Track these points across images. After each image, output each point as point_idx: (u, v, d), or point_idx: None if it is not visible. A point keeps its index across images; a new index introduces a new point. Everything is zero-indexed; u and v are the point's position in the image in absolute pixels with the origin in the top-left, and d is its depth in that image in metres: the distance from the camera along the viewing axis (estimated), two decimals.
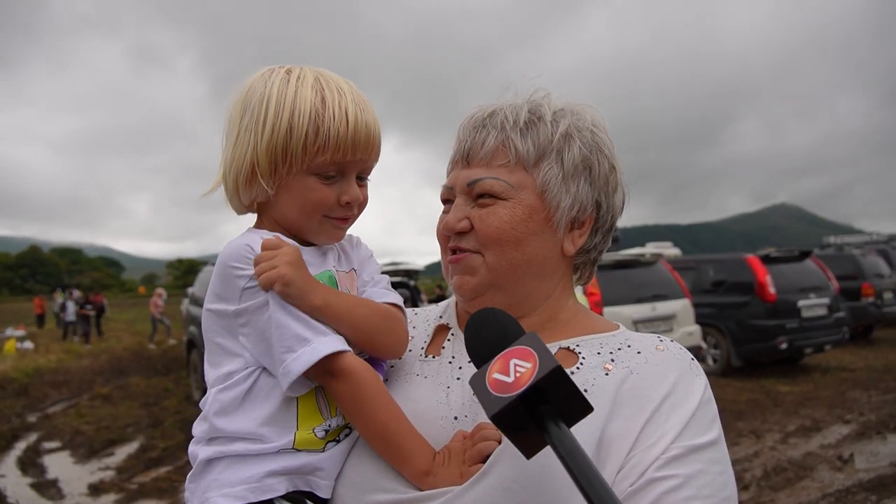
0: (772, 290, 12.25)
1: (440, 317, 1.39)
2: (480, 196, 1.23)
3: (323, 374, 1.11)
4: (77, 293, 32.21)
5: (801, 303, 12.42)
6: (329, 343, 1.11)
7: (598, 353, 1.18)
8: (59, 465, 8.58)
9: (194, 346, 11.83)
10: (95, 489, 7.38)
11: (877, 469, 6.93)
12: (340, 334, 1.15)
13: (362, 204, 1.27)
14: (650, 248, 18.31)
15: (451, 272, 1.28)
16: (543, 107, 1.25)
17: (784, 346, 11.95)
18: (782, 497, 6.25)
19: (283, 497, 1.11)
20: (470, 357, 1.00)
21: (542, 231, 1.22)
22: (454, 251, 1.26)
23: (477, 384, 0.86)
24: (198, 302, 12.26)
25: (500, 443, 1.04)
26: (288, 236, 1.21)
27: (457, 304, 1.40)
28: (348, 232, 1.33)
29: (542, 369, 0.81)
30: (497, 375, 0.85)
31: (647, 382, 1.11)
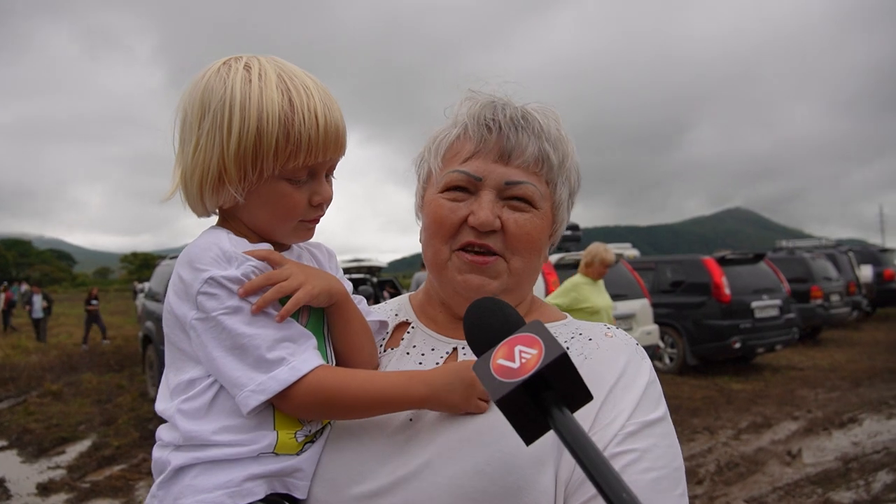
0: (727, 291, 12.57)
1: (396, 315, 1.40)
2: (513, 198, 1.22)
3: (294, 394, 1.07)
4: (25, 287, 31.04)
5: (754, 304, 12.79)
6: (308, 358, 1.09)
7: None
8: (5, 464, 8.26)
9: (150, 341, 11.56)
10: (45, 489, 7.14)
11: (823, 463, 7.20)
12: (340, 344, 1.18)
13: (331, 200, 1.24)
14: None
15: (466, 270, 1.22)
16: (561, 123, 1.28)
17: (738, 345, 12.28)
18: (735, 491, 6.43)
19: (262, 500, 1.09)
20: (469, 344, 1.02)
21: (547, 243, 1.30)
22: (478, 250, 1.21)
23: (481, 369, 0.87)
24: (155, 297, 11.98)
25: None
26: (256, 238, 1.19)
27: (412, 300, 1.44)
28: (323, 245, 1.33)
29: (548, 355, 0.83)
30: (502, 361, 0.86)
31: (600, 367, 1.17)
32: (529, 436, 0.86)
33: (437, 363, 1.25)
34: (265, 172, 1.11)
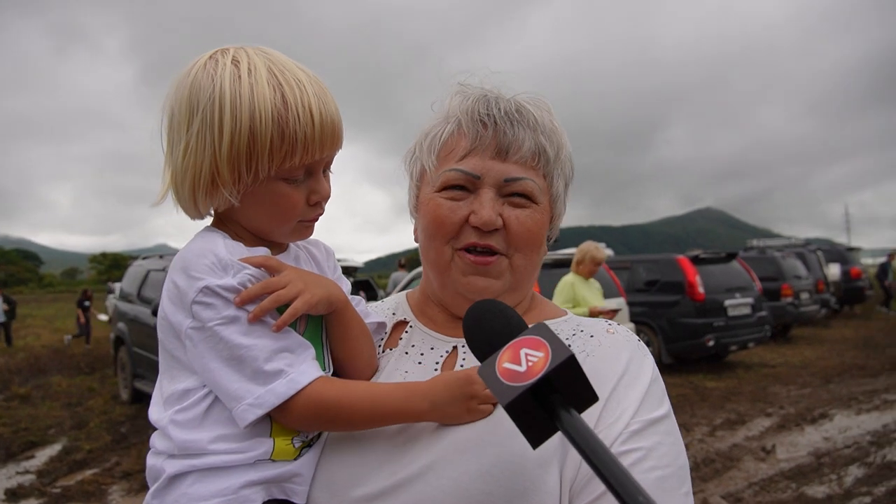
0: (701, 289, 12.73)
1: (394, 314, 1.39)
2: (512, 195, 1.20)
3: (292, 407, 1.05)
4: None
5: (727, 302, 12.97)
6: (306, 370, 1.06)
7: None
8: None
9: (122, 343, 11.35)
10: (14, 494, 6.96)
11: (796, 458, 7.32)
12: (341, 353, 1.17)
13: (329, 197, 1.21)
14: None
15: (469, 272, 1.20)
16: (553, 113, 1.26)
17: (711, 343, 12.43)
18: (711, 487, 6.51)
19: None
20: (469, 347, 1.00)
21: (545, 237, 1.28)
22: (482, 250, 1.19)
23: (487, 373, 0.86)
24: (127, 298, 11.77)
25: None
26: (253, 240, 1.16)
27: (409, 298, 1.42)
28: (322, 242, 1.30)
29: (555, 358, 0.82)
30: (508, 365, 0.84)
31: (602, 364, 1.15)
32: (536, 439, 0.85)
33: (437, 363, 1.23)
34: (260, 174, 1.06)
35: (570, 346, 1.17)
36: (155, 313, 8.83)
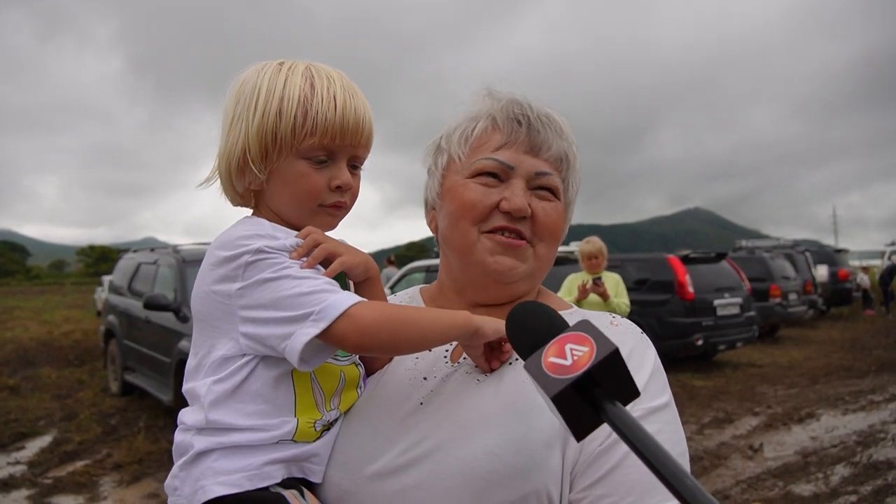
0: (690, 289, 12.81)
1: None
2: (540, 188, 1.29)
3: (348, 321, 1.06)
4: None
5: (716, 302, 13.05)
6: (352, 296, 1.10)
7: None
8: None
9: (112, 335, 11.31)
10: (5, 485, 6.94)
11: (783, 457, 7.42)
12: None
13: (354, 193, 1.27)
14: (575, 247, 18.74)
15: (497, 251, 1.26)
16: (569, 126, 1.35)
17: (700, 342, 12.52)
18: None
19: (279, 484, 1.12)
20: (513, 346, 1.03)
21: (565, 232, 1.37)
22: (511, 233, 1.26)
23: (533, 367, 0.89)
24: (117, 291, 11.71)
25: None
26: (284, 226, 1.21)
27: (423, 293, 1.46)
28: (343, 239, 1.35)
29: (600, 352, 0.85)
30: (553, 359, 0.87)
31: None
32: (581, 431, 0.87)
33: (447, 349, 1.28)
34: (284, 150, 1.17)
35: None
36: (146, 306, 8.82)
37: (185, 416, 1.17)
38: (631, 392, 0.88)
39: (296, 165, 1.18)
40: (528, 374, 0.89)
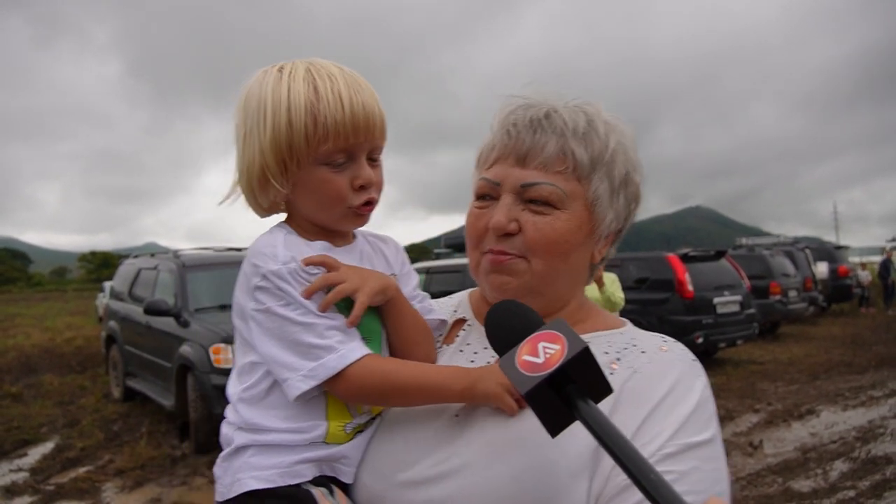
0: (690, 287, 12.82)
1: (455, 311, 1.42)
2: (532, 201, 1.20)
3: (340, 381, 1.13)
4: None
5: (716, 300, 13.05)
6: (356, 347, 1.14)
7: (606, 353, 1.20)
8: None
9: (114, 341, 11.33)
10: (8, 491, 6.97)
11: (783, 454, 7.44)
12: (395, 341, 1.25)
13: (378, 185, 1.26)
14: None
15: (489, 271, 1.24)
16: (596, 118, 1.24)
17: (700, 340, 12.49)
18: None
19: (310, 482, 1.17)
20: (491, 345, 1.05)
21: (585, 242, 1.24)
22: (497, 252, 1.22)
23: (507, 365, 0.91)
24: (118, 296, 11.74)
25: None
26: (316, 231, 1.25)
27: (470, 297, 1.44)
28: (392, 239, 1.38)
29: (571, 350, 0.87)
30: (527, 357, 0.90)
31: (648, 382, 1.13)
32: (554, 427, 0.89)
33: (489, 361, 1.25)
34: (302, 161, 1.17)
35: (619, 360, 1.18)
36: (147, 312, 8.87)
37: (229, 412, 1.24)
38: (603, 389, 0.90)
39: (316, 172, 1.18)
40: (503, 371, 0.92)
